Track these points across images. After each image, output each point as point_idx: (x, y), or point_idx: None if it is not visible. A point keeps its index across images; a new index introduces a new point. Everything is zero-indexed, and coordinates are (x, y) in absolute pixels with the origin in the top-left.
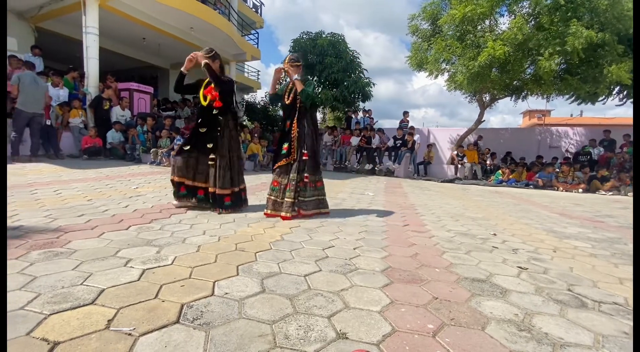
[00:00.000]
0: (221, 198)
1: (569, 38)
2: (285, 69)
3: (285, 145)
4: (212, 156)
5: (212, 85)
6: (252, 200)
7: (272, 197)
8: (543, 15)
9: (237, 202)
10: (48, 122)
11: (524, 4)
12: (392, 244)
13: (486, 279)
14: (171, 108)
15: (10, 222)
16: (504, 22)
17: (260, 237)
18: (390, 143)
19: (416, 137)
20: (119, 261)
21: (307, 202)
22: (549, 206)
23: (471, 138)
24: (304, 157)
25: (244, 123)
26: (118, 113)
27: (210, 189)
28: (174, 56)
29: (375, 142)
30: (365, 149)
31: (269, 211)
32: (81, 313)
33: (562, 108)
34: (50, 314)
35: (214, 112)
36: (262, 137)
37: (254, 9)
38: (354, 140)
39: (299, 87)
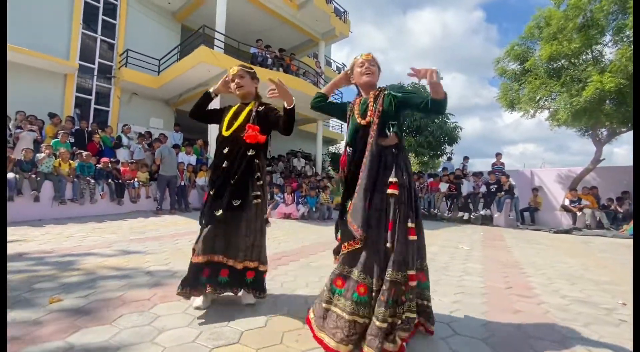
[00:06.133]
0: (244, 273)
1: None
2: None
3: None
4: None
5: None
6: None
7: (337, 311)
8: None
9: (260, 282)
10: (182, 183)
11: (628, 32)
12: (492, 310)
13: None
14: None
15: (167, 267)
16: (611, 52)
17: None
18: (483, 189)
19: (511, 179)
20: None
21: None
22: None
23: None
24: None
25: (330, 173)
26: None
27: (234, 264)
28: None
29: (466, 188)
30: (454, 196)
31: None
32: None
33: None
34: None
35: (249, 152)
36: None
37: (337, 71)
38: (443, 187)
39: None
